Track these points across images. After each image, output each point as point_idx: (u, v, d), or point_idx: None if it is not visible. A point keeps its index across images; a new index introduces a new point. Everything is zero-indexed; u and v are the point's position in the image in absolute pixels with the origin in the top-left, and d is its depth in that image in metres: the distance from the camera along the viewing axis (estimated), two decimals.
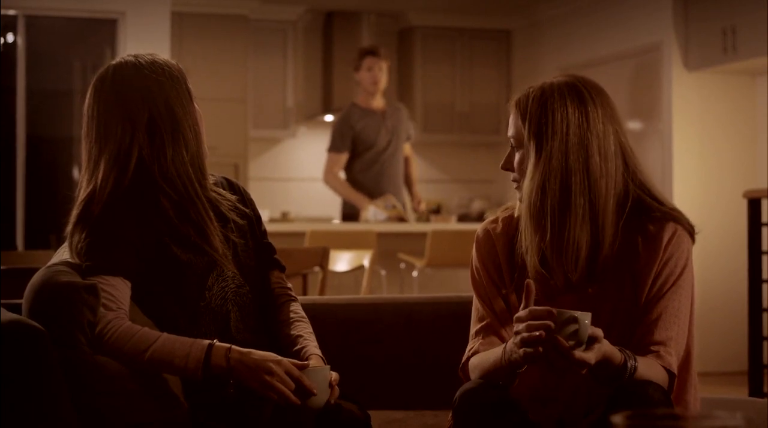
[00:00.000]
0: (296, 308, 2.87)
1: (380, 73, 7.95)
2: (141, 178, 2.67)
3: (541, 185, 2.57)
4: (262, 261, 2.87)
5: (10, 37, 8.78)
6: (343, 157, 7.95)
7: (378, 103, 8.02)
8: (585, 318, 2.42)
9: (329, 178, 8.02)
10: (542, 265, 2.62)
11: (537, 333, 2.40)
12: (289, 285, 2.92)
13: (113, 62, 2.76)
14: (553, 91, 2.61)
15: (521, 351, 2.44)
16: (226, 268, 2.72)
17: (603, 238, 2.60)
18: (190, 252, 2.68)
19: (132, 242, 2.64)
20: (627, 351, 2.49)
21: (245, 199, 2.89)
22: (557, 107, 2.59)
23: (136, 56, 2.74)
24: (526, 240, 2.62)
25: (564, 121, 2.58)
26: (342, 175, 8.03)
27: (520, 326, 2.43)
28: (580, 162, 2.57)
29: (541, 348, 2.42)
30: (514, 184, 2.69)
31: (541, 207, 2.58)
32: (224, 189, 2.86)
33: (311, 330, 2.82)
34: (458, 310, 3.13)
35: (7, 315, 2.43)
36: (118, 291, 2.60)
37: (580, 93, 2.61)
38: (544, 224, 2.58)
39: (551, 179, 2.57)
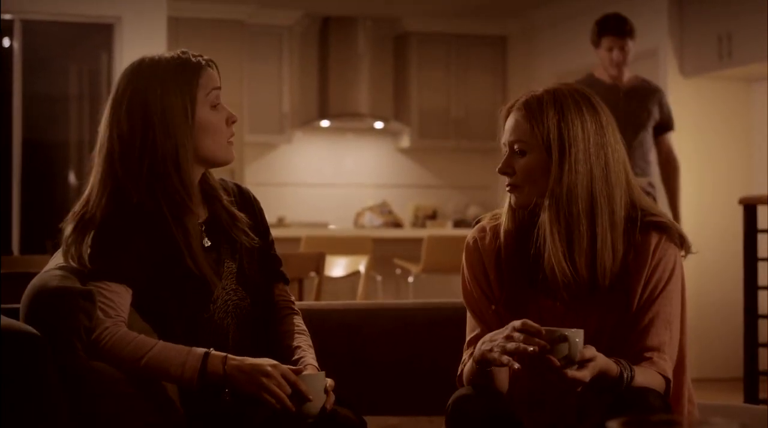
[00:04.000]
0: (298, 321, 2.86)
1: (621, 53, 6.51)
2: (148, 192, 2.66)
3: (569, 191, 2.56)
4: (267, 273, 2.86)
5: (6, 42, 8.77)
6: None
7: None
8: (576, 336, 2.42)
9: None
10: (551, 272, 2.62)
11: (530, 349, 2.40)
12: (293, 298, 2.92)
13: (141, 59, 2.74)
14: (566, 97, 2.60)
15: (504, 359, 2.44)
16: (222, 285, 2.71)
17: (617, 248, 2.60)
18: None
19: (139, 249, 2.63)
20: (623, 362, 2.49)
21: (255, 209, 2.88)
22: (575, 115, 2.58)
23: (161, 57, 2.71)
24: (552, 246, 2.58)
25: (585, 129, 2.58)
26: None
27: (516, 336, 2.43)
28: (601, 169, 2.58)
29: (517, 366, 2.42)
30: (508, 188, 2.68)
31: (569, 213, 2.57)
32: (235, 196, 2.85)
33: (311, 343, 2.81)
34: (454, 316, 3.13)
35: (4, 321, 2.43)
36: (119, 297, 2.59)
37: (592, 103, 2.62)
38: (577, 230, 2.57)
39: (578, 186, 2.56)
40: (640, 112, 6.47)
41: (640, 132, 6.44)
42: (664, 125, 6.54)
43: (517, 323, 2.45)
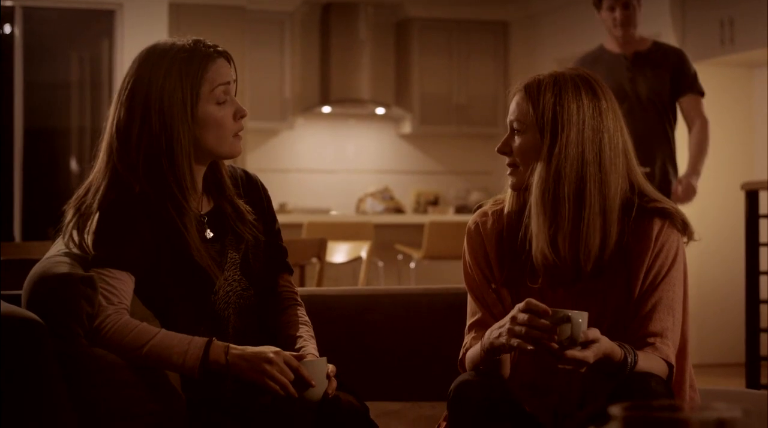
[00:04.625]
0: (301, 312, 2.85)
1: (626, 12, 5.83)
2: (151, 178, 2.65)
3: (556, 172, 2.58)
4: (273, 263, 2.85)
5: (7, 28, 8.77)
6: None
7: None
8: (579, 317, 2.42)
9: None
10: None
11: (535, 333, 2.41)
12: (296, 289, 2.91)
13: (153, 46, 2.69)
14: (567, 81, 2.62)
15: (513, 341, 2.45)
16: (224, 276, 2.71)
17: (609, 234, 2.61)
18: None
19: (142, 237, 2.62)
20: (626, 346, 2.50)
21: (263, 197, 2.87)
22: (572, 98, 2.60)
23: (172, 45, 2.67)
24: (536, 227, 2.61)
25: (580, 112, 2.59)
26: None
27: (520, 316, 2.44)
28: (594, 154, 2.59)
29: (530, 347, 2.43)
30: (509, 170, 2.69)
31: (555, 194, 2.58)
32: (243, 183, 2.84)
33: (313, 334, 2.81)
34: (455, 302, 3.13)
35: (4, 307, 2.43)
36: (122, 284, 2.59)
37: (593, 87, 2.63)
38: (561, 212, 2.59)
39: (567, 167, 2.58)
40: (654, 83, 5.79)
41: (652, 109, 5.78)
42: (683, 87, 5.85)
43: (521, 304, 2.45)
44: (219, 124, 2.67)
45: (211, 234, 2.73)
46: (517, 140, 2.66)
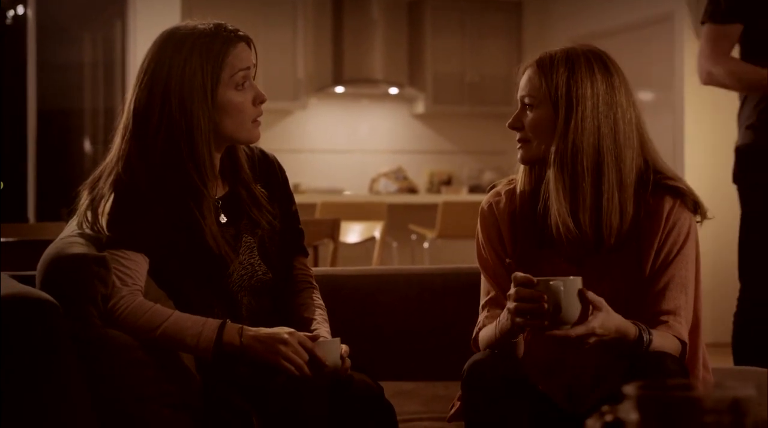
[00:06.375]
0: (316, 296, 2.85)
1: None
2: (169, 162, 2.64)
3: (573, 146, 2.59)
4: (289, 245, 2.85)
5: (20, 9, 8.77)
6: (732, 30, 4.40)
7: None
8: (561, 285, 2.41)
9: (716, 63, 4.55)
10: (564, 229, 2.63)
11: (524, 305, 2.42)
12: (311, 272, 2.91)
13: (173, 30, 2.68)
14: (579, 56, 2.64)
15: (517, 320, 2.45)
16: (239, 260, 2.71)
17: (626, 209, 2.62)
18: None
19: (156, 219, 2.62)
20: (641, 325, 2.50)
21: (279, 177, 2.87)
22: (585, 73, 2.61)
23: (194, 28, 2.65)
24: (556, 201, 2.62)
25: (594, 87, 2.61)
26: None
27: (511, 292, 2.45)
28: (609, 128, 2.60)
29: (528, 318, 2.43)
30: (518, 144, 2.70)
31: (573, 168, 2.60)
32: (259, 163, 2.84)
33: (326, 317, 2.81)
34: (469, 281, 3.13)
35: (19, 288, 2.43)
36: (136, 265, 2.59)
37: (605, 63, 2.64)
38: (581, 185, 2.60)
39: (584, 141, 2.59)
40: None
41: None
42: None
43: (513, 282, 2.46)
44: (238, 109, 2.66)
45: (225, 219, 2.73)
46: (529, 115, 2.67)
